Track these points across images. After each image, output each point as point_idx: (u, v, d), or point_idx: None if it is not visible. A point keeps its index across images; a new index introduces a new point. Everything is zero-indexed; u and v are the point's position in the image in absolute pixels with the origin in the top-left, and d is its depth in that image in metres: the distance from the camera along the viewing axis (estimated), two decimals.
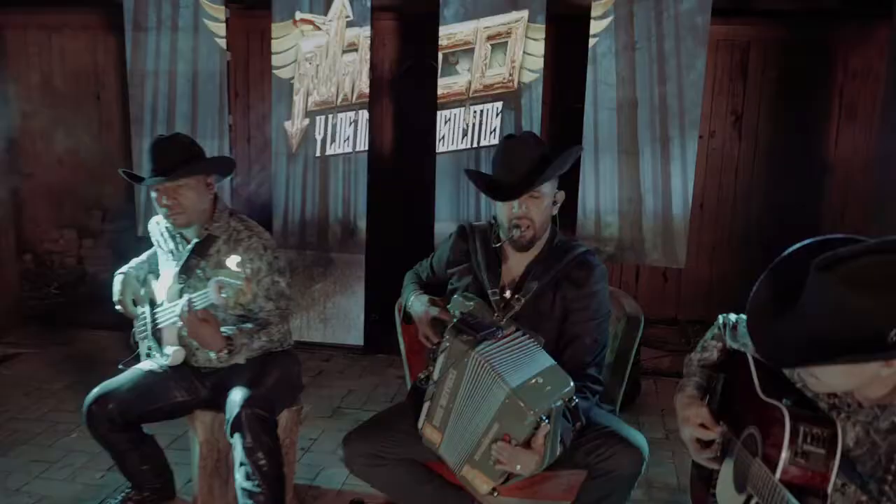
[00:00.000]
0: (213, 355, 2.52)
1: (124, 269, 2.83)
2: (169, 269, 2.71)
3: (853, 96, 4.84)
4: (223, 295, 2.25)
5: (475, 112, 4.21)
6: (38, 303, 5.37)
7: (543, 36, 4.07)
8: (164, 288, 2.70)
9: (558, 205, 2.41)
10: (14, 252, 4.94)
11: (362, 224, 4.46)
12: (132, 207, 5.32)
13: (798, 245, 1.55)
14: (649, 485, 3.13)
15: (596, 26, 3.98)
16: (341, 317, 4.58)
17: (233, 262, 2.30)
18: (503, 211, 2.33)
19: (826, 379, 1.49)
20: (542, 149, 2.34)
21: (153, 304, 2.74)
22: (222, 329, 2.44)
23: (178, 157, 2.55)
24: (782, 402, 1.61)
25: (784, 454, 1.54)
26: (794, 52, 4.86)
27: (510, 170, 2.30)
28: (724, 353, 1.94)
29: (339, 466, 3.15)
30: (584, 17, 4.06)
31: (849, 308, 1.36)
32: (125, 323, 2.78)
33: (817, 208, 4.93)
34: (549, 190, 2.33)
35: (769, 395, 1.66)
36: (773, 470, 1.55)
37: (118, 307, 2.77)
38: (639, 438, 2.20)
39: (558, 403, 2.06)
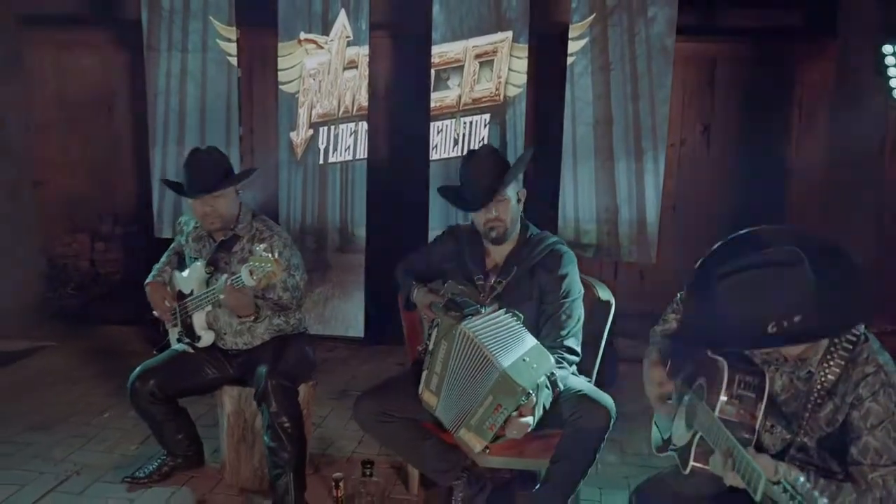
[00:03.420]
0: (234, 324, 3.00)
1: (150, 277, 3.22)
2: (196, 263, 3.09)
3: (811, 107, 5.26)
4: (254, 278, 2.65)
5: (465, 123, 4.57)
6: (56, 302, 5.70)
7: (526, 54, 4.44)
8: (192, 280, 3.09)
9: (522, 201, 2.85)
10: (35, 255, 5.27)
11: (360, 231, 4.78)
12: (142, 212, 5.70)
13: (707, 254, 2.04)
14: (623, 451, 3.53)
15: (573, 47, 4.35)
16: (339, 317, 4.89)
17: (259, 249, 2.69)
18: (478, 217, 2.78)
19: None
20: (499, 160, 2.79)
21: (181, 296, 3.12)
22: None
23: (215, 170, 2.95)
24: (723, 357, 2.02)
25: (722, 397, 1.94)
26: (757, 67, 5.27)
27: (474, 182, 2.75)
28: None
29: (349, 439, 3.60)
30: (564, 37, 4.41)
31: (735, 310, 1.82)
32: (137, 319, 3.04)
33: (781, 208, 5.30)
34: (512, 192, 2.77)
35: (714, 352, 2.06)
36: (714, 409, 1.95)
37: (156, 312, 3.17)
38: (607, 399, 2.60)
39: (542, 379, 2.47)
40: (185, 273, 3.13)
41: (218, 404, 3.18)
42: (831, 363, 1.89)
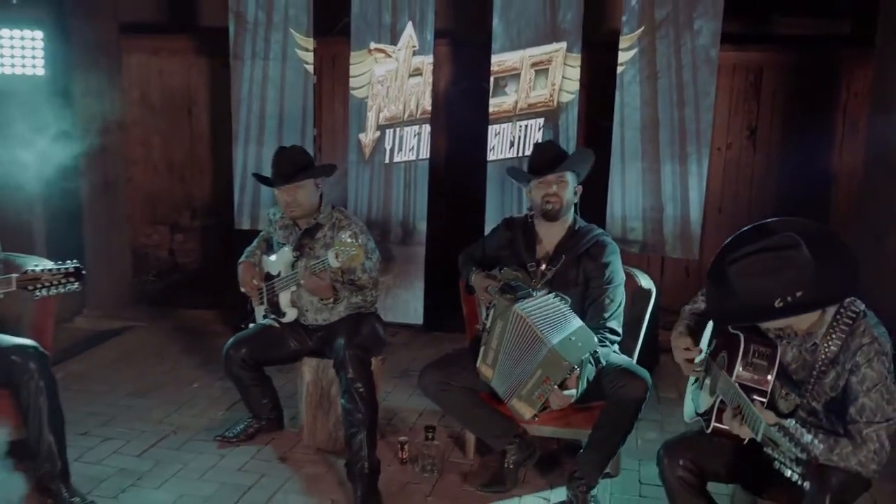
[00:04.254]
0: (316, 302, 3.38)
1: (242, 258, 3.66)
2: (283, 248, 3.51)
3: (855, 113, 5.42)
4: (339, 260, 3.04)
5: (521, 127, 4.91)
6: (139, 287, 6.21)
7: (579, 63, 4.76)
8: (279, 263, 3.50)
9: (578, 195, 3.21)
10: (123, 245, 5.79)
11: (422, 225, 5.15)
12: (218, 207, 6.20)
13: (723, 245, 2.35)
14: (662, 430, 3.84)
15: (623, 57, 4.66)
16: (400, 306, 5.27)
17: (345, 236, 3.08)
18: (539, 192, 3.12)
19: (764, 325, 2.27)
20: (561, 149, 3.21)
21: (269, 277, 3.54)
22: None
23: (297, 164, 3.36)
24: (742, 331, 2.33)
25: (738, 365, 2.26)
26: (802, 75, 5.47)
27: (540, 159, 3.13)
28: None
29: (411, 412, 3.98)
30: (614, 47, 4.72)
31: (746, 289, 2.15)
32: (214, 303, 3.33)
33: (826, 210, 5.49)
34: (571, 179, 3.13)
35: (735, 328, 2.37)
36: (731, 375, 2.26)
37: (243, 289, 3.59)
38: (644, 373, 2.93)
39: (586, 356, 2.80)
40: (273, 257, 3.55)
41: (298, 375, 3.60)
42: (833, 336, 2.20)
